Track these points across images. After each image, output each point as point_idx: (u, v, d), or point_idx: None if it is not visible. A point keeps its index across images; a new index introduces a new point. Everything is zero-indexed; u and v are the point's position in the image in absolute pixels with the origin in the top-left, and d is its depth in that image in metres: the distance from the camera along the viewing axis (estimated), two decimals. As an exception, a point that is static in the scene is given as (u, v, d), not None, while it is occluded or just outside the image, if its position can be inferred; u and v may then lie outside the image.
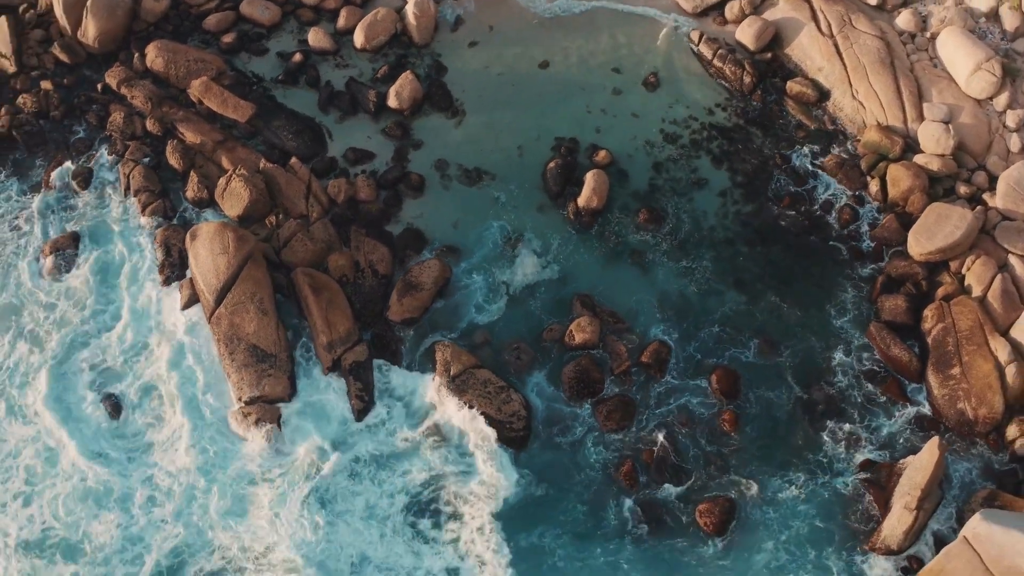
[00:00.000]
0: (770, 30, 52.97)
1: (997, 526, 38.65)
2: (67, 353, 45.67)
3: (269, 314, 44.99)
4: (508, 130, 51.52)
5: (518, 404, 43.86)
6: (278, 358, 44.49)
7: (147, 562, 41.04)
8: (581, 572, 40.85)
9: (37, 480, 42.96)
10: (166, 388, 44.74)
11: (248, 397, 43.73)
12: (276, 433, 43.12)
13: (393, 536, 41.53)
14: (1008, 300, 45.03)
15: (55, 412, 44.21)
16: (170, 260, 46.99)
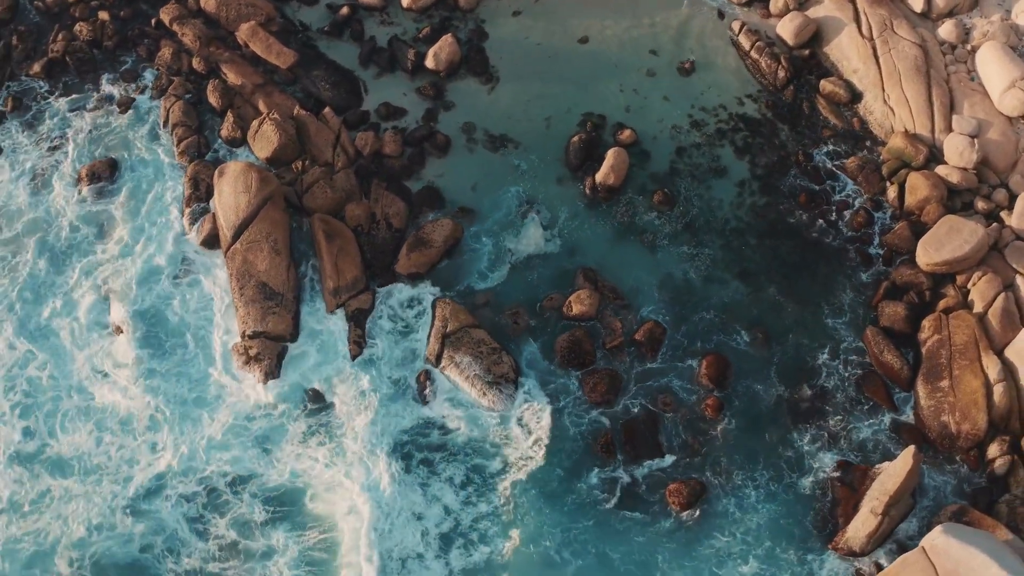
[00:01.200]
0: (811, 27, 52.41)
1: (956, 541, 38.41)
2: (85, 274, 47.20)
3: (281, 254, 46.13)
4: (539, 101, 51.77)
5: (508, 367, 44.50)
6: (285, 297, 45.64)
7: (133, 483, 42.44)
8: (542, 531, 41.31)
9: (39, 394, 44.63)
10: (178, 317, 46.15)
11: (252, 331, 44.99)
12: (272, 369, 44.60)
13: (377, 472, 42.53)
14: (1008, 320, 44.34)
15: (66, 330, 45.80)
16: (197, 194, 48.38)
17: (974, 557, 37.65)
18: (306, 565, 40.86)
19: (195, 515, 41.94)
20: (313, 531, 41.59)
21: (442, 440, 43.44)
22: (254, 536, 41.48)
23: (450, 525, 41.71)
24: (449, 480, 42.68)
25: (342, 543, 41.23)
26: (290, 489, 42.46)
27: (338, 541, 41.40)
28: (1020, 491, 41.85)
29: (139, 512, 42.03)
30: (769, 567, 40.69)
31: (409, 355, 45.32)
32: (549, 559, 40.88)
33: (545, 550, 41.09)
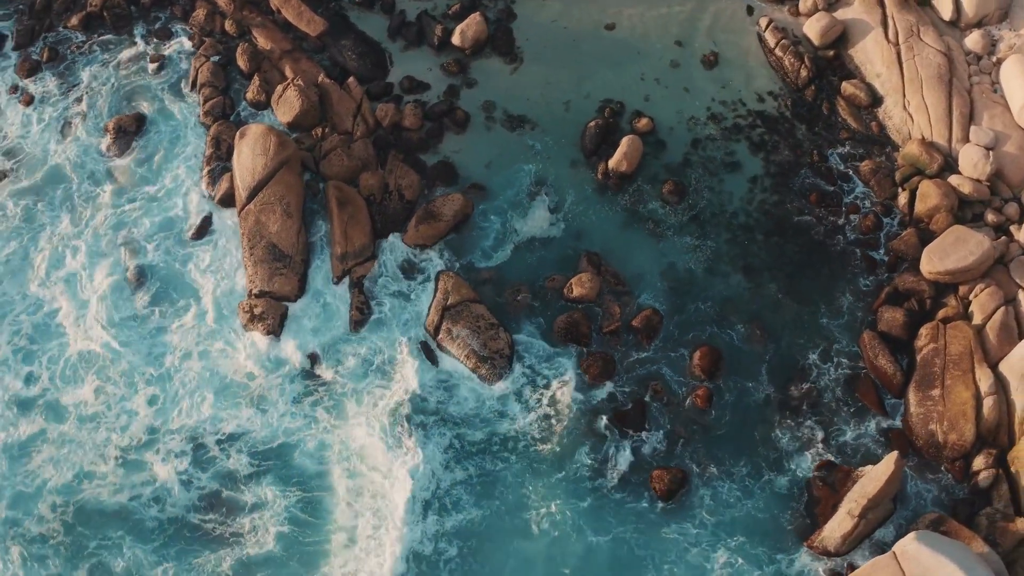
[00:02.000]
0: (837, 28, 51.81)
1: (927, 548, 38.20)
2: (102, 225, 48.14)
3: (293, 217, 46.69)
4: (560, 84, 51.76)
5: (504, 343, 44.81)
6: (293, 260, 46.22)
7: (127, 433, 43.44)
8: (521, 502, 41.87)
9: (45, 340, 45.71)
10: (188, 273, 46.99)
11: (258, 290, 45.71)
12: (275, 328, 45.20)
13: (372, 436, 43.23)
14: (1005, 334, 43.76)
15: (78, 280, 46.82)
16: (217, 153, 49.11)
17: (944, 566, 37.43)
18: (290, 523, 41.35)
19: (184, 468, 42.60)
20: (299, 488, 42.11)
21: (434, 408, 43.89)
22: (240, 490, 42.17)
23: (433, 489, 42.19)
24: (437, 446, 43.06)
25: (335, 505, 41.81)
26: (282, 446, 43.15)
27: (326, 500, 41.93)
28: (1002, 505, 41.53)
29: (130, 463, 42.89)
30: (739, 558, 40.70)
31: (409, 324, 45.76)
32: (524, 530, 41.38)
33: (521, 521, 41.55)
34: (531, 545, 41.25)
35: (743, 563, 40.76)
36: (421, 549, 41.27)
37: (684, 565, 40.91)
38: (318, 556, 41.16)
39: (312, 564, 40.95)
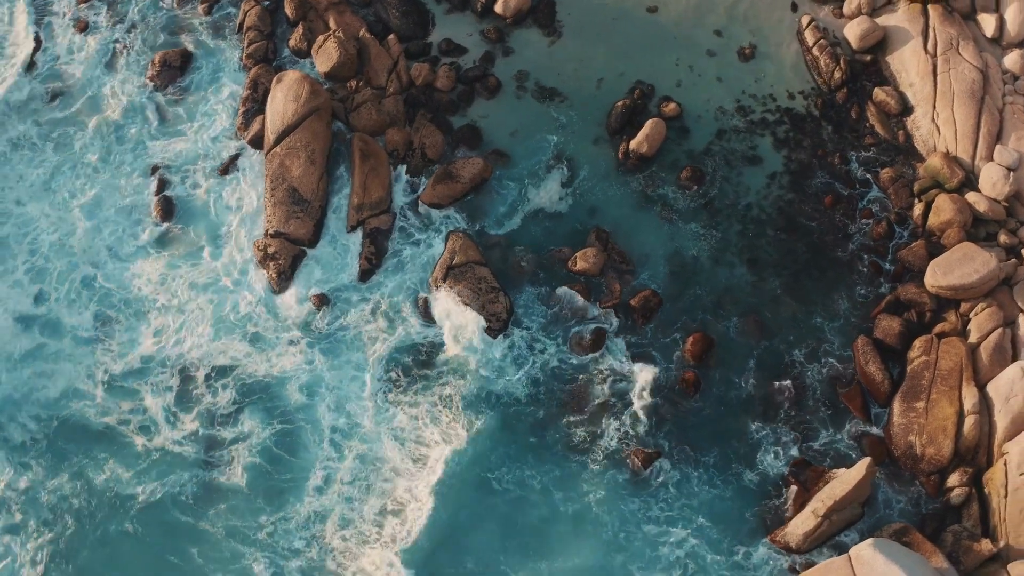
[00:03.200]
0: (877, 34, 50.66)
1: (882, 556, 37.83)
2: (134, 156, 49.47)
3: (316, 165, 47.38)
4: (595, 61, 51.46)
5: (502, 307, 45.18)
6: (311, 205, 47.00)
7: (124, 360, 44.75)
8: (493, 459, 42.53)
9: (58, 259, 47.08)
10: (212, 208, 48.10)
11: (274, 231, 46.61)
12: (286, 270, 46.14)
13: (365, 382, 44.12)
14: (998, 355, 42.88)
15: (103, 207, 48.24)
16: (254, 96, 49.96)
17: (894, 575, 37.48)
18: (269, 458, 42.62)
19: (173, 400, 43.85)
20: (281, 423, 43.20)
21: (426, 360, 44.48)
22: (228, 422, 43.34)
23: (415, 436, 43.09)
24: (426, 397, 43.72)
25: (318, 445, 42.78)
26: (275, 383, 44.16)
27: (308, 438, 42.97)
28: (970, 524, 40.90)
29: (120, 389, 44.19)
30: (698, 540, 40.85)
31: (414, 279, 46.32)
32: (488, 485, 41.97)
33: (491, 477, 42.11)
34: (494, 499, 41.88)
35: (701, 545, 40.88)
36: (399, 498, 41.92)
37: (642, 536, 41.18)
38: (287, 493, 42.08)
39: (278, 501, 41.92)
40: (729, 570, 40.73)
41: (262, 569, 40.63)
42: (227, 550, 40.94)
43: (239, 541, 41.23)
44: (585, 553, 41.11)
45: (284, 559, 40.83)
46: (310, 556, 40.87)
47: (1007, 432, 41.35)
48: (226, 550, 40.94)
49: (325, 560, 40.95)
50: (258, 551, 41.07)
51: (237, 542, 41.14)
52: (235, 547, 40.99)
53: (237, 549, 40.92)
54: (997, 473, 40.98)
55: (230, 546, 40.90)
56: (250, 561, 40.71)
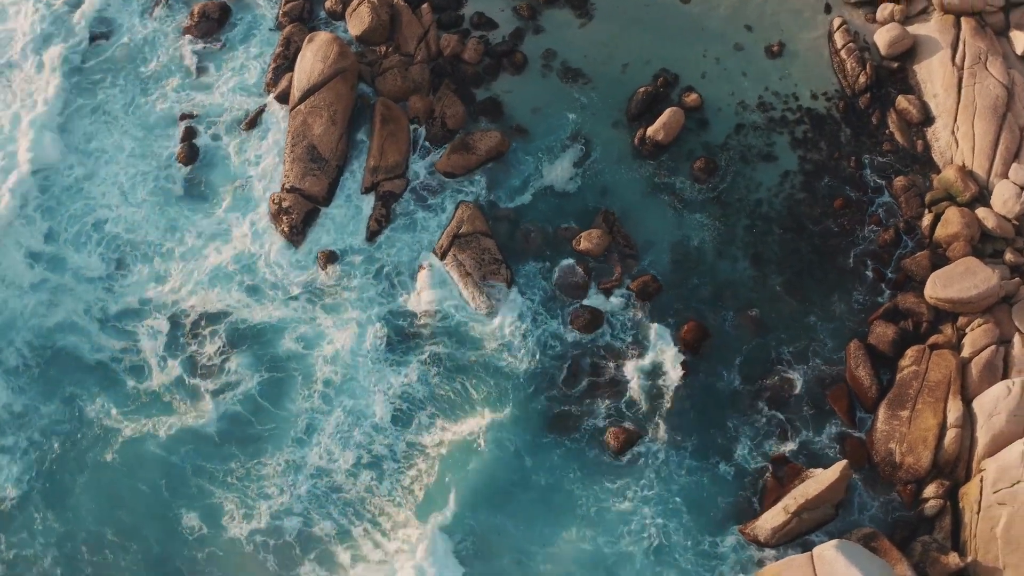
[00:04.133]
0: (907, 42, 49.71)
1: (844, 558, 37.60)
2: (163, 102, 50.13)
3: (337, 125, 47.76)
4: (622, 45, 51.11)
5: (503, 280, 45.25)
6: (328, 164, 47.44)
7: (123, 301, 45.65)
8: (474, 424, 42.88)
9: (72, 202, 47.91)
10: (233, 159, 48.67)
11: (290, 185, 47.12)
12: (297, 224, 46.54)
13: (360, 340, 44.66)
14: (988, 372, 42.13)
15: (125, 152, 49.00)
16: (285, 53, 50.35)
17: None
18: (254, 406, 43.49)
19: (167, 343, 44.69)
20: (276, 373, 43.92)
21: (423, 323, 44.87)
22: (219, 369, 44.09)
23: (403, 399, 43.46)
24: (419, 360, 44.14)
25: (307, 398, 43.48)
26: (271, 334, 44.79)
27: (295, 390, 43.71)
28: (941, 536, 40.44)
29: (116, 329, 45.14)
30: (668, 523, 40.91)
31: (420, 244, 46.62)
32: (468, 446, 42.42)
33: (469, 439, 42.55)
34: (473, 462, 42.20)
35: (670, 527, 40.86)
36: (377, 451, 42.62)
37: (614, 513, 41.33)
38: (267, 440, 42.91)
39: (255, 447, 42.78)
40: (696, 556, 40.65)
41: (232, 508, 41.47)
42: (194, 486, 41.94)
43: (209, 480, 42.13)
44: (552, 522, 41.38)
45: (253, 501, 41.61)
46: (280, 501, 41.62)
47: (987, 449, 40.79)
48: (193, 486, 41.93)
49: (293, 506, 41.70)
50: (226, 492, 41.85)
51: (205, 481, 42.06)
52: (203, 485, 41.94)
53: (206, 487, 41.87)
54: (973, 489, 40.50)
55: (198, 483, 41.84)
56: (219, 500, 41.57)
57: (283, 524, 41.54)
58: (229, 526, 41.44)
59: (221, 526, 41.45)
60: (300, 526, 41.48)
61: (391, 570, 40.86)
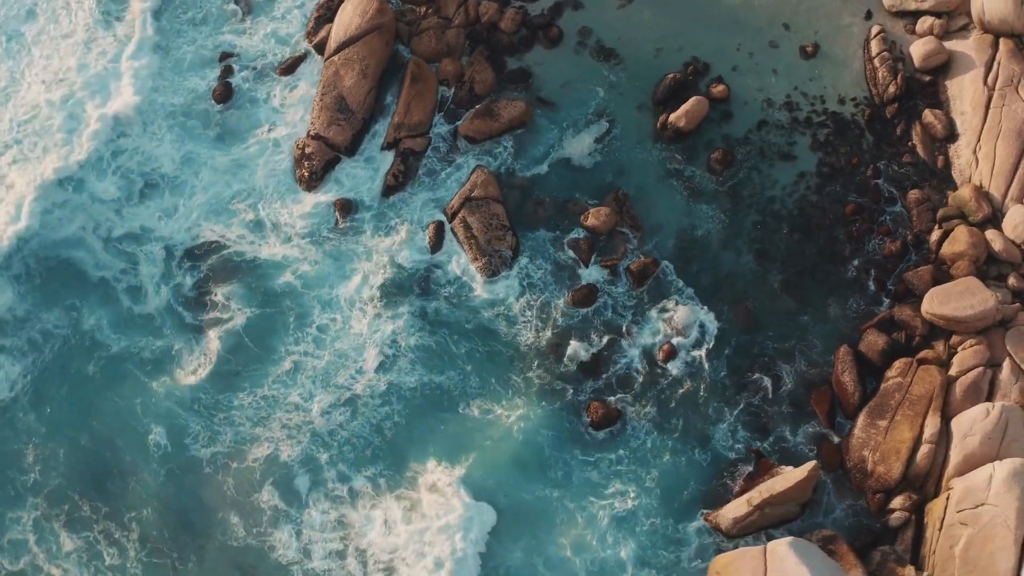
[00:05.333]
0: (942, 56, 48.27)
1: (795, 556, 37.35)
2: (210, 38, 50.85)
3: (367, 79, 48.02)
4: (659, 31, 50.35)
5: (507, 247, 45.43)
6: (355, 116, 47.75)
7: (127, 226, 46.65)
8: (455, 378, 43.49)
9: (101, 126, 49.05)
10: (266, 100, 49.34)
11: (315, 133, 47.62)
12: (317, 171, 47.05)
13: (359, 289, 45.21)
14: (972, 393, 41.13)
15: (164, 77, 50.11)
16: (329, 4, 50.75)
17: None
18: (247, 336, 44.49)
19: (168, 272, 45.63)
20: (268, 309, 44.82)
21: (425, 279, 45.24)
22: (214, 303, 45.11)
23: (392, 348, 44.00)
24: (414, 313, 44.56)
25: (303, 337, 44.24)
26: (274, 272, 45.56)
27: (291, 325, 44.54)
28: (901, 549, 39.86)
29: (118, 250, 46.21)
30: (634, 500, 41.09)
31: (433, 203, 46.86)
32: (453, 406, 43.02)
33: (454, 399, 43.15)
34: (454, 421, 42.80)
35: (635, 505, 41.03)
36: (356, 392, 43.29)
37: (582, 481, 41.63)
38: (252, 371, 43.83)
39: (233, 383, 43.70)
40: (658, 536, 40.75)
41: (197, 429, 42.60)
42: (165, 408, 43.15)
43: (179, 404, 43.24)
44: (516, 474, 41.86)
45: (220, 427, 42.63)
46: (250, 431, 42.65)
47: (958, 468, 39.99)
48: (164, 408, 43.15)
49: (260, 435, 42.67)
50: (195, 417, 42.99)
51: (175, 404, 43.21)
52: (173, 408, 43.09)
53: (175, 410, 43.05)
54: (938, 505, 39.76)
55: (169, 406, 43.01)
56: (184, 422, 42.79)
57: (247, 450, 42.49)
58: (192, 447, 42.54)
59: (184, 446, 42.54)
60: (264, 453, 42.38)
61: (350, 504, 41.60)
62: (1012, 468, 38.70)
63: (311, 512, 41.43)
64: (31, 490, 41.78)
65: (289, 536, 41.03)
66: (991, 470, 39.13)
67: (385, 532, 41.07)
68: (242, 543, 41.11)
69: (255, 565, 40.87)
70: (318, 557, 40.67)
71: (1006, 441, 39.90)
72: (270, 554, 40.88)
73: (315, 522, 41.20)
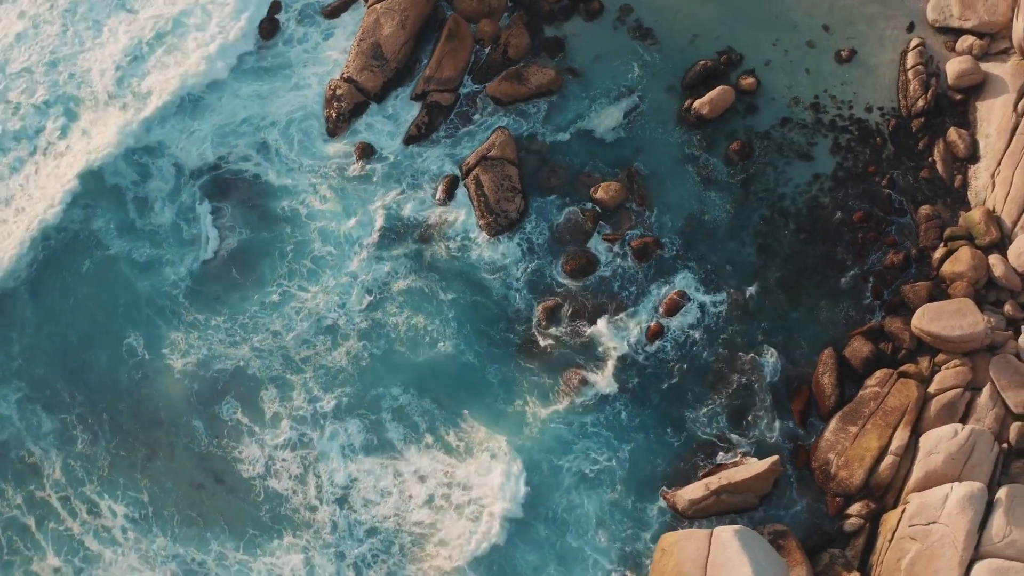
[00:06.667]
0: (976, 77, 46.64)
1: (739, 543, 37.06)
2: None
3: (405, 30, 48.10)
4: (698, 17, 49.46)
5: (514, 209, 45.33)
6: (388, 64, 47.90)
7: (148, 136, 47.83)
8: (444, 330, 43.75)
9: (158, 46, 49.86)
10: (309, 40, 49.89)
11: (348, 76, 47.95)
12: (344, 112, 47.34)
13: (360, 223, 45.94)
14: (946, 412, 40.18)
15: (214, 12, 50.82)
16: (378, -41, 51.35)
17: (740, 565, 36.37)
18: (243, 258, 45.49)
19: (176, 189, 46.67)
20: (267, 234, 45.65)
21: (425, 225, 45.60)
22: (220, 222, 46.15)
23: (379, 281, 44.63)
24: (407, 253, 45.11)
25: (297, 270, 45.06)
26: (278, 198, 46.39)
27: (286, 254, 45.40)
28: (851, 555, 39.32)
29: (137, 164, 47.22)
30: (595, 468, 41.17)
31: (449, 158, 46.87)
32: (422, 340, 43.56)
33: (425, 334, 43.68)
34: (431, 361, 43.27)
35: (594, 475, 41.08)
36: (338, 324, 43.97)
37: (552, 437, 41.78)
38: (240, 293, 44.79)
39: (226, 299, 44.66)
40: (617, 506, 40.70)
41: (177, 341, 43.74)
42: (146, 316, 44.31)
43: (159, 314, 44.36)
44: (483, 417, 42.27)
45: (198, 343, 43.78)
46: (226, 349, 43.69)
47: (918, 483, 39.18)
48: (145, 315, 44.32)
49: (232, 353, 43.64)
50: (175, 330, 44.19)
51: (155, 313, 44.32)
52: (153, 318, 44.24)
53: (155, 320, 44.21)
54: (892, 517, 39.02)
55: (149, 314, 44.17)
56: (164, 333, 44.05)
57: (216, 363, 43.38)
58: (166, 356, 43.59)
59: (160, 354, 43.59)
60: (233, 367, 43.32)
61: (311, 425, 42.40)
62: (969, 491, 38.01)
63: (275, 430, 42.30)
64: (16, 374, 43.33)
65: (253, 451, 41.91)
66: (948, 490, 38.36)
67: (344, 458, 41.79)
68: (206, 451, 42.24)
69: (222, 473, 41.85)
70: (281, 476, 41.51)
71: (970, 464, 39.05)
72: (235, 465, 41.89)
73: (277, 441, 42.07)
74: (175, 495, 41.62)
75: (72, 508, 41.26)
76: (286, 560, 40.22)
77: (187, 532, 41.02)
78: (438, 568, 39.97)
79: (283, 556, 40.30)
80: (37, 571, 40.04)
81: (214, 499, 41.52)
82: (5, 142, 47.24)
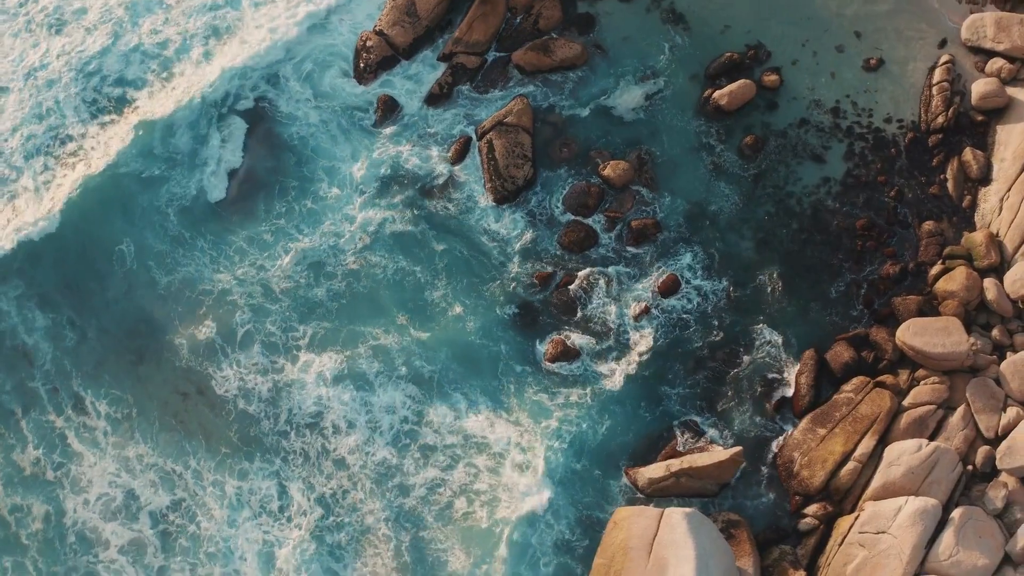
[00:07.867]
0: (1001, 100, 45.22)
1: (686, 526, 36.86)
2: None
3: (441, -7, 48.59)
4: (732, 9, 48.64)
5: (523, 176, 45.11)
6: (420, 22, 47.92)
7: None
8: (435, 281, 44.16)
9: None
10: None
11: (379, 29, 47.99)
12: (372, 64, 47.47)
13: (371, 171, 46.23)
14: (916, 427, 39.40)
15: None
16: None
17: (684, 548, 36.22)
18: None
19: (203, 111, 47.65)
20: (274, 162, 46.47)
21: (433, 182, 45.78)
22: (227, 150, 47.03)
23: (377, 226, 44.94)
24: (408, 204, 45.38)
25: (301, 211, 45.66)
26: (289, 130, 47.07)
27: (288, 191, 46.08)
28: (801, 553, 38.84)
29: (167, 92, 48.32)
30: (563, 435, 41.04)
31: (469, 120, 46.79)
32: (409, 283, 44.00)
33: (413, 278, 44.16)
34: (415, 303, 43.75)
35: (562, 445, 40.84)
36: (325, 264, 44.54)
37: (531, 403, 41.87)
38: (241, 233, 45.42)
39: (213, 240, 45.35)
40: (581, 473, 40.79)
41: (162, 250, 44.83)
42: (137, 228, 45.46)
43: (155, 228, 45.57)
44: (464, 369, 42.60)
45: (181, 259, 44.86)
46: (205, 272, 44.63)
47: (875, 492, 38.56)
48: (136, 227, 45.45)
49: (217, 277, 44.45)
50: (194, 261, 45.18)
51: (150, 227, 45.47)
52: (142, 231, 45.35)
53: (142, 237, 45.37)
54: (845, 522, 38.51)
55: (139, 228, 45.28)
56: (152, 244, 45.05)
57: (201, 286, 44.25)
58: (153, 269, 44.63)
59: (147, 266, 44.57)
60: (217, 289, 44.11)
61: (284, 354, 42.95)
62: (922, 506, 37.30)
63: (248, 353, 43.02)
64: (17, 273, 44.48)
65: (228, 372, 42.65)
66: (903, 502, 37.71)
67: (317, 384, 42.32)
68: (186, 365, 42.97)
69: (203, 388, 42.58)
70: (252, 399, 42.18)
71: (929, 480, 38.28)
72: (210, 382, 42.65)
73: (251, 363, 42.75)
74: (158, 400, 42.55)
75: (58, 402, 42.38)
76: (259, 485, 40.86)
77: (167, 439, 41.85)
78: (400, 506, 40.60)
79: (256, 481, 40.91)
80: (17, 461, 41.14)
81: (196, 410, 42.31)
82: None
